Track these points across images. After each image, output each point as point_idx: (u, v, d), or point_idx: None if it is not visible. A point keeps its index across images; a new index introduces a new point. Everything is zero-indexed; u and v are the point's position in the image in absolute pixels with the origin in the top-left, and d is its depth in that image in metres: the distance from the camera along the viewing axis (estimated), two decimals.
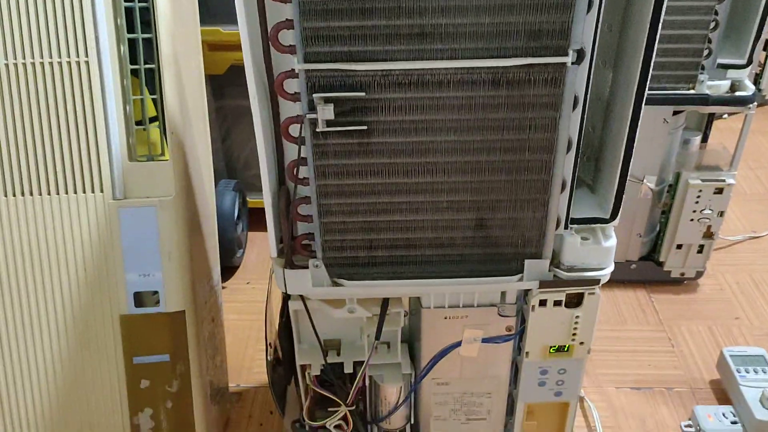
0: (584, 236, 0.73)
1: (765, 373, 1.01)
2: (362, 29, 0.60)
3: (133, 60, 0.79)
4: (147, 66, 0.79)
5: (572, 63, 0.61)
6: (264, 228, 1.50)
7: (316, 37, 0.60)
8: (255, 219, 1.42)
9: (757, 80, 1.83)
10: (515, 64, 0.61)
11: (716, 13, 1.00)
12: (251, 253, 1.40)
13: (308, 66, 0.61)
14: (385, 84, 0.62)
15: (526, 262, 0.73)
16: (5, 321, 0.81)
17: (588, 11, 0.59)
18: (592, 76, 0.64)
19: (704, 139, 1.19)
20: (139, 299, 0.84)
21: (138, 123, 0.81)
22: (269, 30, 0.61)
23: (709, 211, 1.15)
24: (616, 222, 0.73)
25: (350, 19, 0.59)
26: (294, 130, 0.66)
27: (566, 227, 0.72)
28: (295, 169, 0.68)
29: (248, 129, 1.37)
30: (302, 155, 0.66)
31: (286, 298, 0.78)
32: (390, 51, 0.61)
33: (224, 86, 1.30)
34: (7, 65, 0.76)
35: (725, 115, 1.81)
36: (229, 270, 1.34)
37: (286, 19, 0.60)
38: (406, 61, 0.61)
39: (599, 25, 0.61)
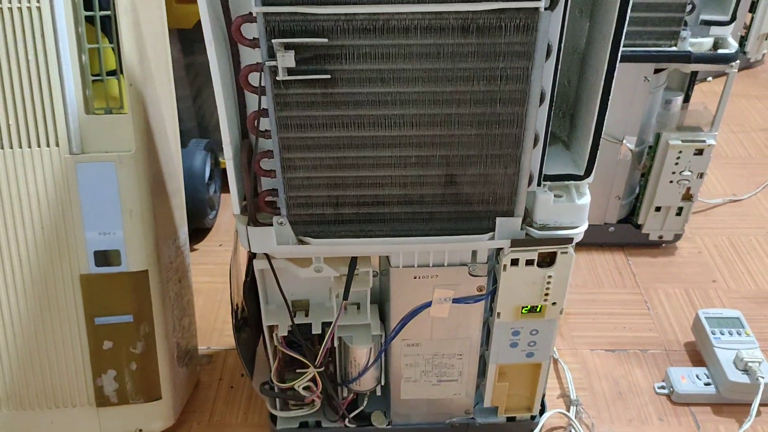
0: (557, 193, 0.71)
1: (740, 335, 1.00)
2: None
3: (88, 6, 0.75)
4: (103, 13, 0.75)
5: (545, 8, 0.58)
6: None
7: None
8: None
9: (742, 42, 1.80)
10: (485, 8, 0.58)
11: None
12: (224, 215, 1.37)
13: (266, 9, 0.57)
14: (349, 29, 0.59)
15: (498, 219, 0.70)
16: None
17: None
18: (566, 24, 0.61)
19: (686, 100, 1.17)
20: (102, 258, 0.81)
21: (95, 75, 0.77)
22: None
23: (689, 173, 1.14)
24: (590, 179, 0.71)
25: None
26: (254, 79, 0.62)
27: (539, 184, 0.70)
28: (256, 120, 0.65)
29: None
30: (263, 106, 0.63)
31: (251, 257, 0.76)
32: None
33: (194, 41, 1.26)
34: None
35: (709, 78, 1.79)
36: (201, 232, 1.31)
37: None
38: (371, 5, 0.58)
39: None
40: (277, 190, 0.69)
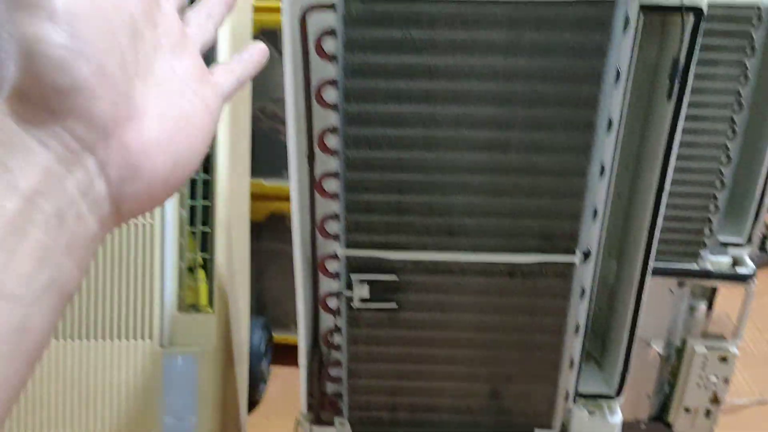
0: (591, 410, 0.79)
1: None
2: (398, 224, 0.69)
3: (191, 221, 0.90)
4: (203, 229, 0.90)
5: (580, 262, 0.70)
6: (287, 363, 1.55)
7: (358, 228, 0.69)
8: (278, 353, 1.49)
9: (764, 242, 1.91)
10: (529, 261, 0.70)
11: (716, 198, 1.10)
12: (273, 386, 1.45)
13: (349, 252, 0.70)
14: (416, 269, 0.71)
15: (536, 431, 0.78)
16: None
17: (594, 219, 0.69)
18: (598, 269, 0.72)
19: (710, 306, 1.26)
20: None
21: (189, 269, 0.91)
22: (318, 220, 0.71)
23: (715, 378, 1.20)
24: (621, 398, 0.79)
25: (388, 215, 0.69)
26: (332, 302, 0.74)
27: (574, 401, 0.78)
28: (330, 336, 0.76)
29: (280, 270, 1.47)
30: (337, 325, 0.74)
31: None
32: (421, 242, 0.70)
33: (262, 231, 1.41)
34: None
35: None
36: (251, 404, 1.39)
37: (334, 213, 0.70)
38: (435, 252, 0.70)
39: (603, 231, 0.70)
40: (341, 394, 0.78)
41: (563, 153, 0.66)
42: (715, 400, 1.23)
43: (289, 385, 1.47)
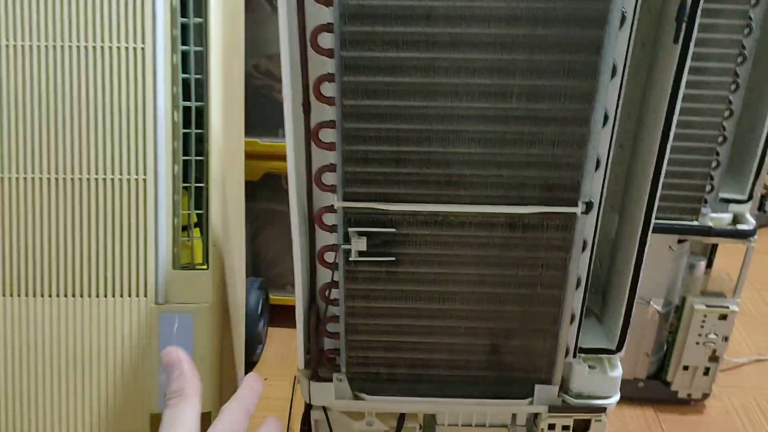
0: (591, 365, 0.78)
1: None
2: (396, 175, 0.68)
3: (185, 177, 0.88)
4: (197, 185, 0.88)
5: (582, 213, 0.68)
6: (284, 324, 1.55)
7: (355, 179, 0.68)
8: (275, 315, 1.48)
9: (762, 202, 1.90)
10: (530, 211, 0.68)
11: (717, 154, 1.08)
12: (270, 348, 1.44)
13: (346, 204, 0.68)
14: (414, 222, 0.69)
15: (537, 387, 0.78)
16: (44, 417, 0.87)
17: (596, 169, 0.67)
18: (599, 221, 0.71)
19: (709, 264, 1.25)
20: None
21: (182, 228, 0.89)
22: (314, 172, 0.69)
23: (714, 336, 1.20)
24: (621, 353, 0.78)
25: (386, 166, 0.67)
26: (329, 256, 0.73)
27: (574, 356, 0.77)
28: (327, 291, 0.75)
29: (275, 230, 1.45)
30: (334, 279, 0.73)
31: (308, 407, 0.83)
32: (419, 194, 0.68)
33: (257, 191, 1.39)
34: (72, 179, 0.85)
35: None
36: (248, 365, 1.38)
37: (330, 164, 0.68)
38: (434, 204, 0.68)
39: (606, 180, 0.68)
40: (339, 350, 0.77)
41: (566, 100, 0.64)
42: (714, 358, 1.23)
43: (286, 347, 1.46)
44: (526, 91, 0.64)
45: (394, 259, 0.71)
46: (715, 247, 1.24)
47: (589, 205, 0.68)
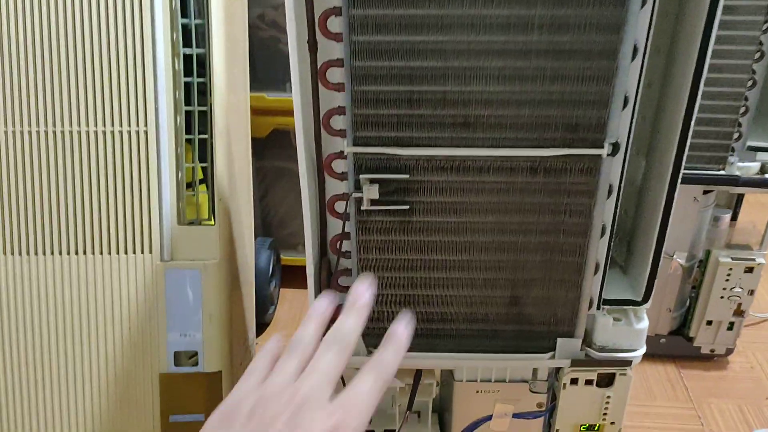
0: (616, 317, 0.75)
1: None
2: (409, 117, 0.63)
3: (188, 130, 0.84)
4: (201, 136, 0.84)
5: (608, 155, 0.64)
6: (296, 285, 1.53)
7: (365, 123, 0.64)
8: (287, 276, 1.46)
9: None
10: (553, 154, 0.64)
11: (746, 99, 1.03)
12: (282, 309, 1.42)
13: (357, 149, 0.64)
14: (429, 168, 0.65)
15: (559, 340, 0.74)
16: (50, 376, 0.85)
17: (624, 108, 0.63)
18: (626, 165, 0.66)
19: (734, 217, 1.20)
20: (177, 358, 0.86)
21: (188, 185, 0.86)
22: (321, 116, 0.65)
23: (740, 290, 1.16)
24: (648, 305, 0.75)
25: (398, 108, 0.63)
26: (339, 206, 0.69)
27: (598, 308, 0.74)
28: (338, 243, 0.71)
29: (285, 189, 1.42)
30: (346, 230, 0.70)
31: None
32: (434, 138, 0.64)
33: (265, 148, 1.36)
34: (71, 132, 0.81)
35: None
36: (260, 326, 1.36)
37: (339, 107, 0.64)
38: (449, 148, 0.64)
39: (634, 120, 0.64)
40: None
41: (591, 31, 0.59)
42: (739, 312, 1.19)
43: (298, 308, 1.44)
44: (548, 21, 0.59)
45: (407, 207, 0.67)
46: (740, 198, 1.19)
47: (615, 147, 0.64)
